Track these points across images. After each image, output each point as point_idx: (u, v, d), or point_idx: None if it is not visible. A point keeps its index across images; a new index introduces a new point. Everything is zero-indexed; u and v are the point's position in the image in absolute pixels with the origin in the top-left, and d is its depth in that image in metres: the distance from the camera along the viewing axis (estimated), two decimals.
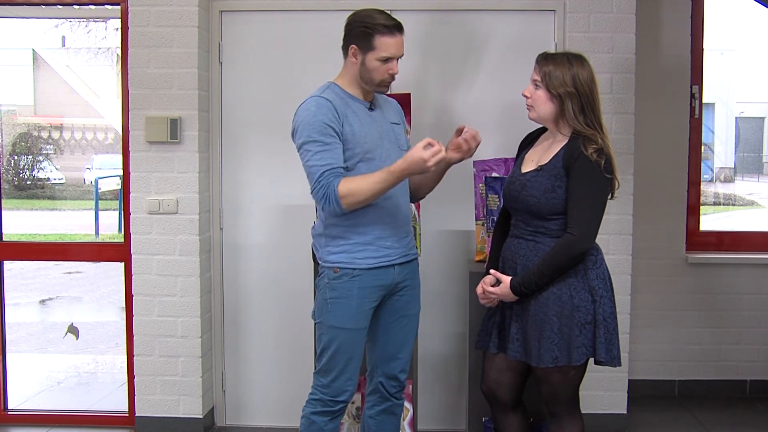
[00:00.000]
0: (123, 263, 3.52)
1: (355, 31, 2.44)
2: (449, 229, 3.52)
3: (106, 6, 3.86)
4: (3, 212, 3.78)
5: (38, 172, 9.58)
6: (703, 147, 4.12)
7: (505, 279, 2.42)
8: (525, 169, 2.47)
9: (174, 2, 3.35)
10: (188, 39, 3.35)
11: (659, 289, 4.01)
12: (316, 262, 2.58)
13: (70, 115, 10.12)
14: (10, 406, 3.79)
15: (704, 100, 4.06)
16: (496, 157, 3.23)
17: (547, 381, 2.43)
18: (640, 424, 3.64)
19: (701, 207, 4.13)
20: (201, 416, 3.50)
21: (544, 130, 2.55)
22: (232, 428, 3.64)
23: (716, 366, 4.06)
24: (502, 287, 2.42)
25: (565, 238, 2.33)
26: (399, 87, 3.08)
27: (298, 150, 2.42)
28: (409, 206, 2.62)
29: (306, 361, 3.34)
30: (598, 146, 2.33)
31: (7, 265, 3.91)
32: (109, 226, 8.69)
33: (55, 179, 9.94)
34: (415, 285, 2.64)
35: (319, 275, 2.54)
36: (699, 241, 4.09)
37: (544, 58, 2.42)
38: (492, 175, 3.13)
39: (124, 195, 3.51)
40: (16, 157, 9.03)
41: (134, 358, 3.49)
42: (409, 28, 2.56)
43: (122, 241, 3.55)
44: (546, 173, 2.38)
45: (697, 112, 4.02)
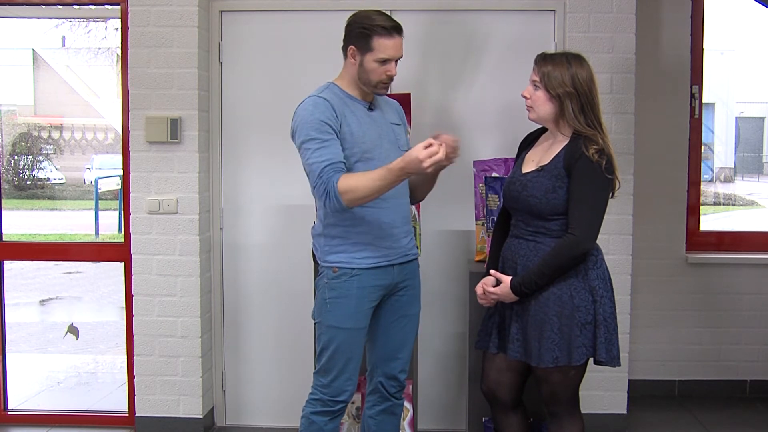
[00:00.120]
0: (123, 263, 3.52)
1: (354, 32, 2.44)
2: (449, 229, 3.52)
3: (106, 6, 3.86)
4: (3, 212, 3.78)
5: (38, 172, 9.59)
6: (703, 147, 4.12)
7: (505, 279, 2.42)
8: (525, 169, 2.47)
9: (174, 2, 3.35)
10: (188, 39, 3.35)
11: (659, 289, 4.01)
12: (316, 262, 2.58)
13: (70, 115, 10.12)
14: (10, 406, 3.79)
15: (704, 100, 4.06)
16: (496, 157, 3.23)
17: (547, 381, 2.43)
18: (640, 424, 3.63)
19: (701, 207, 4.13)
20: (201, 416, 3.50)
21: (544, 131, 2.55)
22: (232, 428, 3.64)
23: (716, 366, 4.06)
24: (502, 287, 2.42)
25: (567, 239, 2.33)
26: (399, 87, 3.08)
27: (299, 150, 2.42)
28: (409, 206, 2.62)
29: (306, 361, 3.34)
30: (599, 146, 2.33)
31: (7, 265, 3.91)
32: (109, 226, 8.69)
33: (55, 179, 9.95)
34: (415, 285, 2.63)
35: (319, 275, 2.54)
36: (699, 241, 4.09)
37: (543, 59, 2.42)
38: (492, 175, 3.13)
39: (124, 195, 3.51)
40: (16, 157, 9.03)
41: (134, 358, 3.49)
42: (409, 28, 2.56)
43: (122, 241, 3.55)
44: (547, 174, 2.38)
45: (697, 112, 4.02)
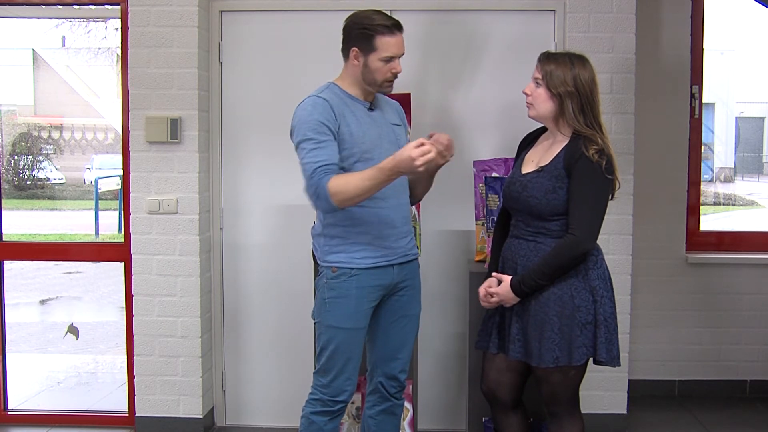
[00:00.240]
0: (123, 263, 3.52)
1: (354, 34, 2.44)
2: (449, 229, 3.52)
3: (106, 6, 3.85)
4: (3, 212, 3.78)
5: (38, 172, 9.59)
6: (703, 147, 4.12)
7: (506, 279, 2.42)
8: (525, 170, 2.47)
9: (174, 2, 3.35)
10: (188, 39, 3.35)
11: (659, 289, 4.01)
12: (316, 262, 2.58)
13: (70, 115, 10.13)
14: (10, 406, 3.78)
15: (704, 100, 4.06)
16: (496, 157, 3.23)
17: (548, 381, 2.43)
18: (640, 424, 3.63)
19: (701, 207, 4.13)
20: (201, 416, 3.50)
21: (543, 131, 2.55)
22: (232, 428, 3.64)
23: (716, 366, 4.06)
24: (503, 286, 2.42)
25: (567, 239, 2.33)
26: (399, 87, 3.07)
27: (296, 149, 2.42)
28: (409, 206, 2.62)
29: (306, 361, 3.34)
30: (599, 147, 2.33)
31: (7, 265, 3.91)
32: (109, 226, 8.69)
33: (55, 179, 9.95)
34: (415, 285, 2.63)
35: (319, 275, 2.54)
36: (699, 241, 4.09)
37: (547, 57, 2.42)
38: (492, 175, 3.13)
39: (124, 195, 3.51)
40: (16, 157, 9.04)
41: (134, 358, 3.49)
42: (409, 28, 2.55)
43: (122, 241, 3.55)
44: (547, 174, 2.38)
45: (697, 112, 4.02)
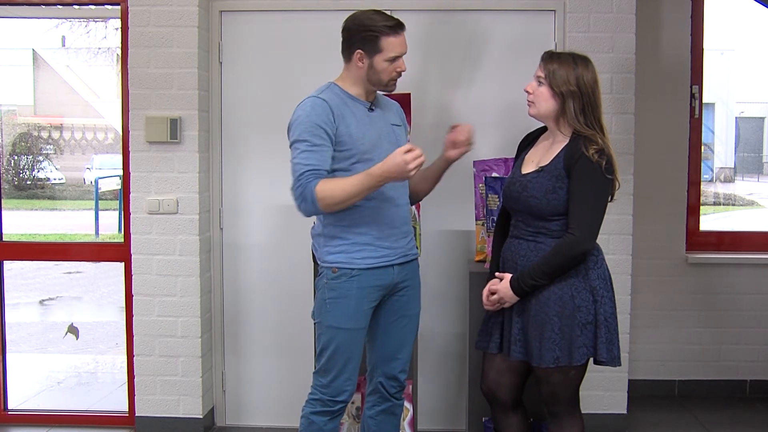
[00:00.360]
0: (123, 263, 3.52)
1: (357, 37, 2.43)
2: (449, 229, 3.52)
3: (106, 6, 3.85)
4: (3, 212, 3.78)
5: (38, 172, 9.59)
6: (703, 147, 4.12)
7: (506, 277, 2.42)
8: (525, 170, 2.47)
9: (174, 2, 3.35)
10: (188, 39, 3.35)
11: (659, 289, 4.01)
12: (316, 262, 2.58)
13: (70, 115, 10.13)
14: (10, 406, 3.78)
15: (704, 100, 4.06)
16: (496, 157, 3.23)
17: (548, 381, 2.43)
18: (640, 424, 3.63)
19: (701, 207, 4.13)
20: (201, 416, 3.50)
21: (543, 131, 2.55)
22: (232, 428, 3.64)
23: (716, 366, 4.06)
24: (503, 284, 2.42)
25: (567, 239, 2.33)
26: (399, 87, 3.04)
27: (290, 146, 2.43)
28: (408, 207, 2.62)
29: (306, 361, 3.34)
30: (599, 147, 2.33)
31: (7, 265, 3.90)
32: (109, 226, 8.69)
33: (55, 179, 9.95)
34: (415, 285, 2.63)
35: (319, 275, 2.54)
36: (699, 241, 4.09)
37: (550, 56, 2.43)
38: (492, 175, 3.13)
39: (124, 195, 3.51)
40: (16, 157, 9.04)
41: (134, 358, 3.49)
42: (409, 28, 2.55)
43: (122, 241, 3.55)
44: (547, 174, 2.38)
45: (697, 112, 4.02)
